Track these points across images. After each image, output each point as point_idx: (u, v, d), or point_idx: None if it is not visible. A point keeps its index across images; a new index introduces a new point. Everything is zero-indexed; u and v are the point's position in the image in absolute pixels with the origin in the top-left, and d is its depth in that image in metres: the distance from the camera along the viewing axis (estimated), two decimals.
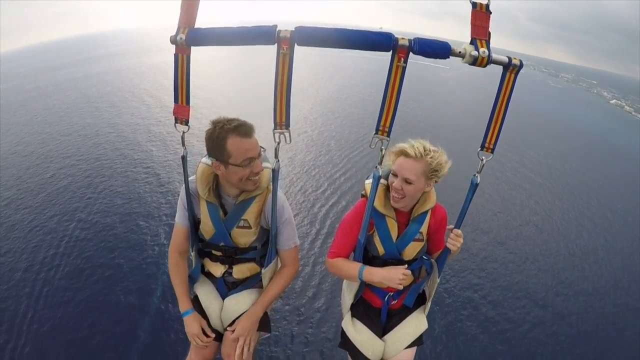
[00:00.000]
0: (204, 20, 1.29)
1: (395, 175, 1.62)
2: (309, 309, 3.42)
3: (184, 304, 1.74)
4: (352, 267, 1.69)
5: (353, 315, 1.86)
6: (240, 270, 1.82)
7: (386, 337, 1.81)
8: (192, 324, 1.71)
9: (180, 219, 1.72)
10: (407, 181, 1.58)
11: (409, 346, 1.79)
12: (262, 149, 1.60)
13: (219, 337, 1.82)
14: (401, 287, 1.62)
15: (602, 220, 6.35)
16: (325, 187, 5.86)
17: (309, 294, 3.62)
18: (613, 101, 29.15)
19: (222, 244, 1.73)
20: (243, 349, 1.67)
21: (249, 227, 1.68)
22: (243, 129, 1.46)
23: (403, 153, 1.60)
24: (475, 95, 17.52)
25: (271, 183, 1.60)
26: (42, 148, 7.16)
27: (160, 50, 24.63)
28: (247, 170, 1.51)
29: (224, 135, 1.45)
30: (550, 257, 4.88)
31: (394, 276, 1.59)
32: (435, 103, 14.11)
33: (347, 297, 1.87)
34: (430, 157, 1.57)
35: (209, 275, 1.92)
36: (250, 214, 1.66)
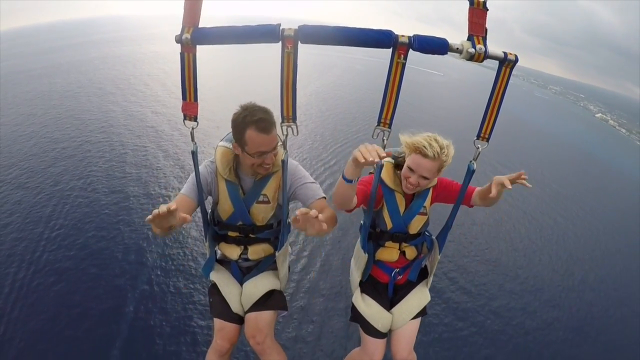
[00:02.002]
0: (203, 14, 1.31)
1: (412, 170, 1.67)
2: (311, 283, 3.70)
3: None
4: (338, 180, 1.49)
5: (362, 291, 1.94)
6: (256, 251, 1.86)
7: (393, 309, 1.91)
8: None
9: (189, 192, 1.65)
10: (424, 177, 1.66)
11: (414, 317, 1.90)
12: (279, 141, 1.61)
13: (240, 319, 1.84)
14: (374, 157, 1.23)
15: (573, 216, 6.94)
16: (320, 171, 6.42)
17: (308, 273, 3.89)
18: (598, 115, 29.60)
19: (239, 222, 1.77)
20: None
21: (268, 202, 1.74)
22: (262, 125, 1.50)
23: (421, 152, 1.62)
24: (469, 101, 17.79)
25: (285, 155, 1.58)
26: (44, 129, 7.22)
27: (157, 39, 24.83)
28: (259, 160, 1.58)
29: (244, 126, 1.51)
30: (522, 242, 5.48)
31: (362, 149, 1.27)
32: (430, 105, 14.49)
33: (356, 275, 1.94)
34: (445, 155, 1.63)
35: (222, 263, 1.97)
36: (269, 189, 1.73)
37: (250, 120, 1.49)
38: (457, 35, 1.27)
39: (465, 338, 3.42)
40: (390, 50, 1.22)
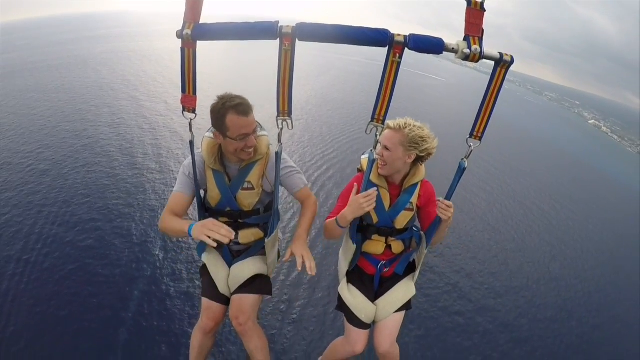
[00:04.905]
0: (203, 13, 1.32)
1: (380, 144, 1.72)
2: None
3: (185, 224, 1.56)
4: (331, 220, 1.74)
5: (348, 281, 1.93)
6: (246, 236, 1.87)
7: (378, 301, 1.88)
8: (202, 225, 1.49)
9: (182, 188, 1.71)
10: (386, 148, 1.67)
11: (399, 310, 1.87)
12: (258, 125, 1.68)
13: (227, 300, 1.86)
14: (369, 206, 1.55)
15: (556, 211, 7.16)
16: (318, 159, 6.91)
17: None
18: (591, 121, 29.50)
19: (228, 209, 1.79)
20: (308, 262, 1.60)
21: (253, 188, 1.76)
22: (241, 108, 1.55)
23: (387, 126, 1.68)
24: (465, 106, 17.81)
25: (269, 148, 1.76)
26: (66, 118, 7.44)
27: (164, 35, 24.81)
28: (242, 144, 1.60)
29: (224, 111, 1.54)
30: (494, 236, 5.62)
31: (356, 200, 1.56)
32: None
33: (343, 265, 1.92)
34: (409, 130, 1.63)
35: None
36: (253, 176, 1.74)
37: (229, 106, 1.54)
38: (456, 40, 1.23)
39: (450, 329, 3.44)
40: (386, 49, 1.20)
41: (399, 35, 1.17)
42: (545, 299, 4.27)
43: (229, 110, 1.54)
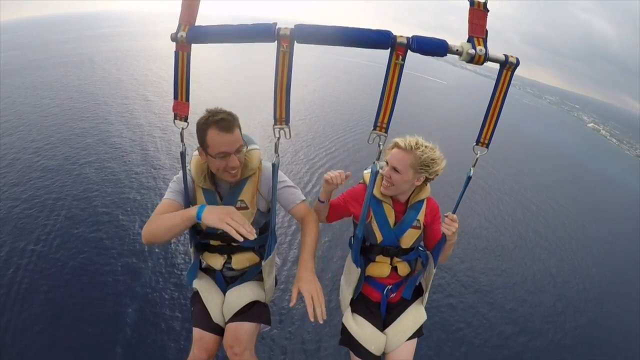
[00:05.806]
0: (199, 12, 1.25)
1: (387, 164, 1.62)
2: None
3: (188, 210, 1.42)
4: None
5: (353, 311, 1.75)
6: (240, 261, 1.73)
7: (387, 330, 1.71)
8: (221, 210, 1.37)
9: (173, 195, 1.55)
10: (395, 170, 1.57)
11: (410, 338, 1.70)
12: (244, 143, 1.54)
13: (221, 331, 1.69)
14: (333, 179, 1.56)
15: (541, 209, 7.22)
16: (321, 156, 7.07)
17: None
18: (590, 124, 29.53)
19: (220, 231, 1.58)
20: (318, 309, 1.36)
21: (247, 208, 1.61)
22: (223, 124, 1.41)
23: (396, 145, 1.59)
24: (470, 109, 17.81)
25: (262, 162, 1.65)
26: (75, 113, 7.65)
27: (163, 35, 25.00)
28: (223, 163, 1.46)
29: (206, 126, 1.42)
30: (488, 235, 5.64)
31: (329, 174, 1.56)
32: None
33: (346, 293, 1.75)
34: (421, 151, 1.54)
35: (207, 271, 1.83)
36: (246, 194, 1.61)
37: (212, 121, 1.41)
38: (456, 42, 1.15)
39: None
40: (388, 51, 1.12)
41: (401, 36, 1.10)
42: (541, 293, 4.31)
43: (211, 125, 1.40)
